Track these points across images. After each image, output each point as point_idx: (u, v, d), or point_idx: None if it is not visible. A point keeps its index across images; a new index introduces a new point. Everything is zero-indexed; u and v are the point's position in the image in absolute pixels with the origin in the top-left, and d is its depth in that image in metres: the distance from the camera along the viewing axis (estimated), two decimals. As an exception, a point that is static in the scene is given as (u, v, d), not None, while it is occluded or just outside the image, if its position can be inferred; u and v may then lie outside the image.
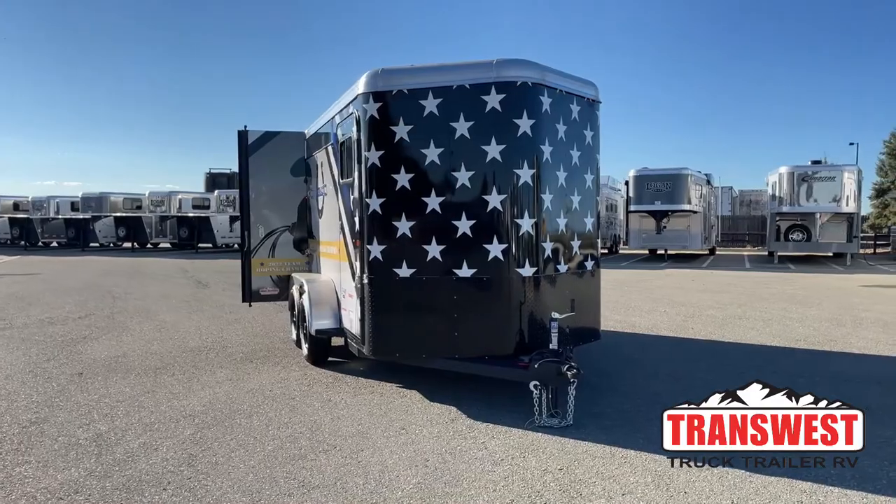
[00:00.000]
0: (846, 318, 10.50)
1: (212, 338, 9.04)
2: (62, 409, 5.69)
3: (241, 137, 8.81)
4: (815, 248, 24.23)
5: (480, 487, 3.94)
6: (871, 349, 8.07)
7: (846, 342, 8.53)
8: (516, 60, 5.55)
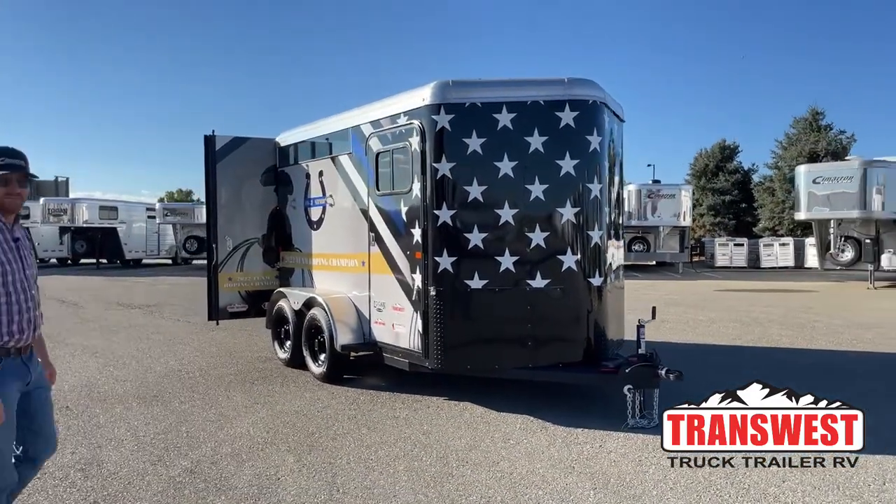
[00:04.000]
0: (746, 319, 11.95)
1: (176, 363, 8.25)
2: (112, 447, 4.99)
3: (208, 143, 8.21)
4: (653, 257, 26.93)
5: (667, 489, 4.14)
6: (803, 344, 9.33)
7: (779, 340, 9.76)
8: (585, 80, 5.84)
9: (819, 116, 37.48)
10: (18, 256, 2.85)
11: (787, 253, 29.10)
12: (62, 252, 30.86)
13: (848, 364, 8.06)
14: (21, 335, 2.83)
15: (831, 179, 17.82)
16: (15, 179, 2.82)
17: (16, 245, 2.86)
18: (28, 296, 2.86)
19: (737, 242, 30.62)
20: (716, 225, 39.86)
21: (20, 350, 2.87)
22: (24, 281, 2.85)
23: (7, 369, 2.81)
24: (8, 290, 2.77)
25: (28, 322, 2.86)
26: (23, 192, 2.87)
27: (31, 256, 2.95)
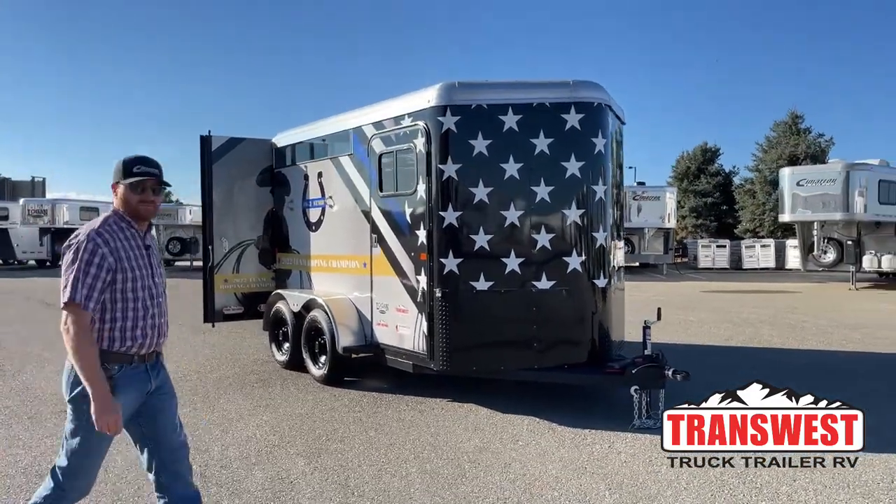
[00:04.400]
0: (736, 320, 12.09)
1: (172, 366, 8.14)
2: (116, 450, 4.90)
3: (204, 143, 8.13)
4: (637, 258, 27.13)
5: (681, 489, 4.17)
6: (787, 345, 9.45)
7: (771, 340, 9.88)
8: (590, 83, 5.87)
9: (798, 120, 38.05)
10: (148, 263, 2.85)
11: (768, 254, 29.44)
12: (42, 254, 30.38)
13: (842, 364, 8.18)
14: (145, 341, 2.80)
15: (815, 182, 18.08)
16: (149, 187, 2.82)
17: (146, 252, 2.86)
18: (155, 303, 2.85)
19: (719, 244, 30.94)
20: (698, 227, 40.28)
21: (144, 357, 2.83)
22: (153, 288, 2.84)
23: (125, 378, 2.76)
24: (136, 295, 2.77)
25: (153, 328, 2.83)
26: (156, 199, 2.86)
27: (160, 265, 2.96)
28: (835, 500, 3.99)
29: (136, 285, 2.76)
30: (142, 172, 2.78)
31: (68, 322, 2.64)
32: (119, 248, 2.73)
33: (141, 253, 2.82)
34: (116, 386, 2.71)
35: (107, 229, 2.76)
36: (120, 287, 2.73)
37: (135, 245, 2.81)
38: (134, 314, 2.76)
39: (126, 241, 2.78)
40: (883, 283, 21.52)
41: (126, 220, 2.83)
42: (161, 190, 2.91)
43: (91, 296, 2.65)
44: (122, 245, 2.75)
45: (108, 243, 2.71)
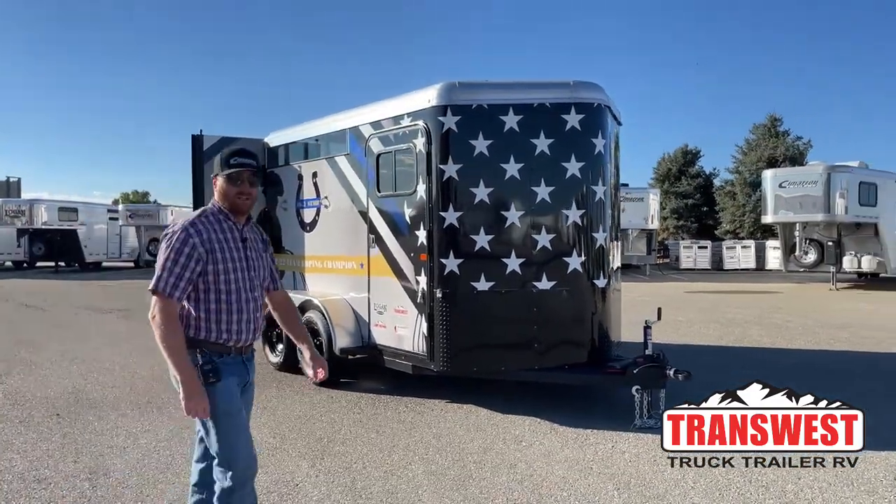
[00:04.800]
0: (723, 320, 12.20)
1: (163, 369, 8.04)
2: (115, 455, 4.83)
3: (195, 142, 8.05)
4: (622, 259, 27.28)
5: (689, 488, 4.18)
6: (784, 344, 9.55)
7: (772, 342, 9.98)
8: (590, 83, 5.88)
9: (777, 123, 38.54)
10: (244, 257, 2.82)
11: (748, 255, 29.77)
12: (19, 255, 29.85)
13: (833, 363, 8.28)
14: (240, 335, 2.80)
15: (797, 184, 18.31)
16: (246, 178, 2.79)
17: (243, 245, 2.83)
18: (250, 297, 2.83)
19: (701, 245, 31.21)
20: (679, 228, 40.64)
21: (241, 349, 2.83)
22: (248, 281, 2.82)
23: (226, 364, 2.77)
24: (229, 287, 2.74)
25: (248, 323, 2.82)
26: (253, 191, 2.83)
27: (260, 258, 2.93)
28: (840, 497, 4.03)
29: (228, 277, 2.74)
30: (238, 164, 2.77)
31: (155, 310, 2.65)
32: (213, 240, 2.72)
33: (237, 245, 2.80)
34: (222, 371, 2.74)
35: (202, 221, 2.76)
36: (212, 279, 2.72)
37: (231, 237, 2.79)
38: (228, 307, 2.75)
39: (222, 234, 2.77)
40: (862, 284, 21.85)
41: (224, 212, 2.82)
42: (257, 181, 2.87)
43: (178, 285, 2.65)
44: (216, 237, 2.74)
45: (201, 234, 2.71)
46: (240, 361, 2.85)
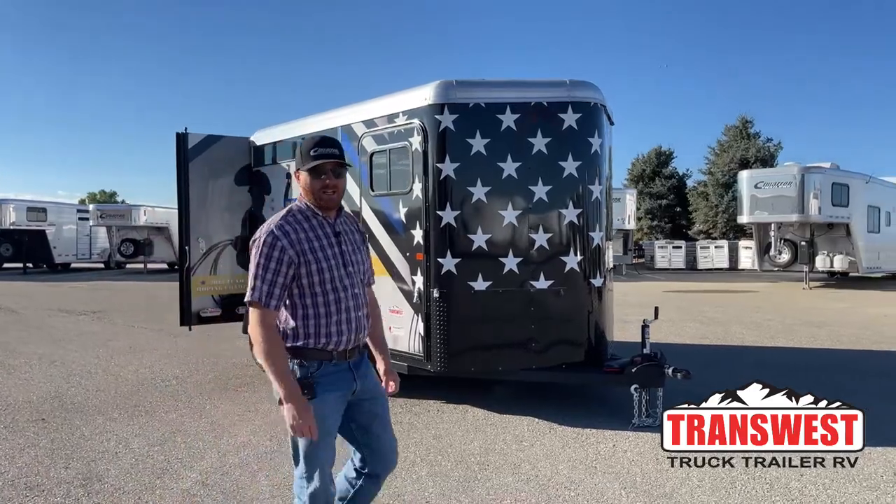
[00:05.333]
0: (704, 319, 12.33)
1: (147, 371, 7.88)
2: (107, 460, 4.69)
3: (179, 141, 7.88)
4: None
5: (695, 487, 4.19)
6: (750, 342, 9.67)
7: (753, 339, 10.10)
8: (586, 83, 5.88)
9: (748, 125, 39.13)
10: (339, 252, 2.62)
11: (722, 255, 30.22)
12: (-13, 256, 29.13)
13: (817, 360, 8.40)
14: (341, 337, 2.60)
15: (772, 184, 18.59)
16: (329, 170, 2.59)
17: (337, 240, 2.64)
18: (349, 294, 2.62)
19: (675, 245, 31.60)
20: (653, 228, 41.05)
21: (345, 354, 2.63)
22: (345, 279, 2.62)
23: (326, 377, 2.58)
24: (325, 288, 2.56)
25: (349, 323, 2.61)
26: (339, 183, 2.63)
27: (358, 252, 2.72)
28: (844, 493, 4.07)
29: (324, 277, 2.56)
30: (319, 155, 2.57)
31: (252, 321, 2.52)
32: (302, 240, 2.55)
33: (329, 242, 2.61)
34: (318, 385, 2.55)
35: (289, 220, 2.60)
36: (306, 281, 2.55)
37: (322, 234, 2.61)
38: (326, 308, 2.57)
39: (311, 231, 2.59)
40: (833, 283, 22.30)
41: (311, 208, 2.64)
42: (343, 172, 2.66)
43: (272, 293, 2.51)
44: (305, 236, 2.57)
45: (289, 235, 2.55)
46: (344, 368, 2.64)
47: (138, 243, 29.51)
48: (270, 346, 2.50)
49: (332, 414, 2.60)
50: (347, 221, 2.76)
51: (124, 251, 29.73)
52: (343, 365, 2.63)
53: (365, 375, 2.71)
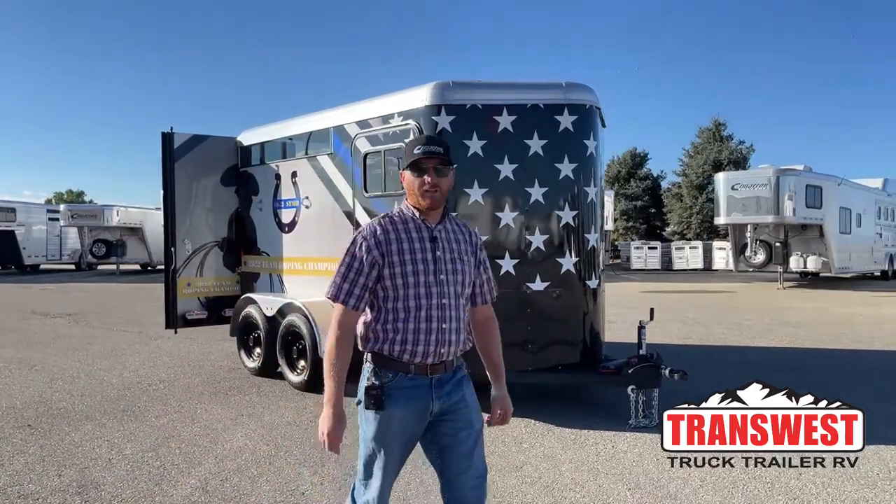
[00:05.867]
0: (685, 319, 12.47)
1: (132, 375, 7.74)
2: (101, 467, 4.59)
3: (165, 140, 7.78)
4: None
5: (698, 487, 4.22)
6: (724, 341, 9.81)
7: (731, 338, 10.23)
8: (582, 85, 5.91)
9: (721, 127, 39.66)
10: (431, 259, 2.43)
11: (696, 256, 30.63)
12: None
13: (802, 360, 8.54)
14: (417, 347, 2.41)
15: (748, 186, 18.88)
16: (431, 167, 2.42)
17: (431, 245, 2.45)
18: (434, 303, 2.41)
19: (651, 246, 31.97)
20: (628, 229, 41.42)
21: (425, 369, 2.44)
22: (432, 286, 2.42)
23: (398, 390, 2.43)
24: (406, 293, 2.40)
25: (429, 333, 2.41)
26: (442, 182, 2.44)
27: (458, 262, 2.48)
28: (843, 491, 4.14)
29: (407, 281, 2.39)
30: (423, 152, 2.42)
31: (332, 316, 2.44)
32: (391, 241, 2.42)
33: (423, 246, 2.43)
34: (388, 397, 2.42)
35: (384, 221, 2.49)
36: (389, 283, 2.41)
37: (416, 237, 2.44)
38: (405, 314, 2.41)
39: (405, 233, 2.44)
40: (805, 283, 22.70)
41: (411, 209, 2.50)
42: (447, 171, 2.46)
43: (352, 292, 2.41)
44: (395, 237, 2.43)
45: (376, 234, 2.43)
46: (423, 385, 2.43)
47: (111, 244, 29.02)
48: (333, 343, 2.44)
49: (398, 432, 2.46)
50: (455, 229, 2.56)
51: (96, 252, 29.23)
52: (422, 380, 2.44)
53: (449, 396, 2.49)
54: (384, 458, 2.49)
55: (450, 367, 2.51)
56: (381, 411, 2.43)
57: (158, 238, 28.46)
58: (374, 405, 2.43)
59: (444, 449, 2.53)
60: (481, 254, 2.62)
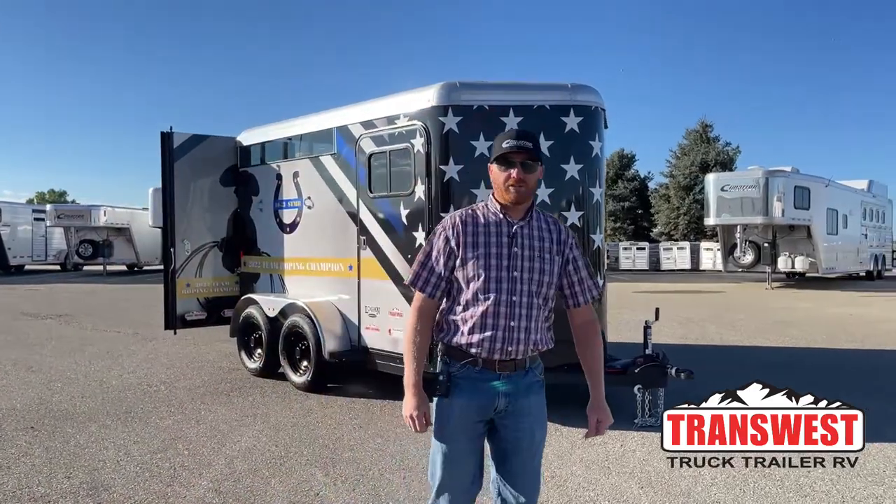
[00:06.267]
0: (680, 318, 12.56)
1: (131, 377, 7.68)
2: (111, 469, 4.55)
3: (164, 140, 7.72)
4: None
5: (710, 485, 4.26)
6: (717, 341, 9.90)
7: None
8: (587, 86, 5.94)
9: (708, 129, 39.99)
10: (507, 254, 2.39)
11: (684, 256, 30.85)
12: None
13: (799, 360, 8.65)
14: (484, 343, 2.37)
15: (737, 187, 19.05)
16: (518, 163, 2.38)
17: (509, 241, 2.41)
18: (504, 300, 2.36)
19: (639, 246, 32.17)
20: (616, 230, 41.63)
21: (493, 364, 2.40)
22: (504, 282, 2.37)
23: (466, 380, 2.41)
24: (477, 286, 2.37)
25: (494, 329, 2.36)
26: (528, 178, 2.40)
27: (538, 260, 2.42)
28: (852, 487, 4.20)
29: (478, 274, 2.36)
30: (510, 147, 2.39)
31: (412, 302, 2.49)
32: (468, 233, 2.41)
33: (499, 241, 2.40)
34: (455, 385, 2.41)
35: (466, 213, 2.50)
36: (461, 274, 2.40)
37: (494, 231, 2.42)
38: (475, 308, 2.38)
39: (484, 227, 2.43)
40: (792, 283, 22.95)
41: (494, 204, 2.49)
42: (535, 167, 2.42)
43: (429, 280, 2.45)
44: (472, 230, 2.42)
45: (456, 226, 2.44)
46: (490, 379, 2.40)
47: (97, 244, 28.71)
48: (410, 329, 2.47)
49: (460, 421, 2.43)
50: (542, 226, 2.49)
51: (83, 252, 28.92)
52: (489, 374, 2.40)
53: (515, 399, 2.43)
54: (445, 445, 2.46)
55: (520, 367, 2.44)
56: (444, 398, 2.43)
57: (146, 238, 28.44)
58: (440, 393, 2.43)
59: (507, 453, 2.48)
60: (571, 252, 2.52)
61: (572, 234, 2.57)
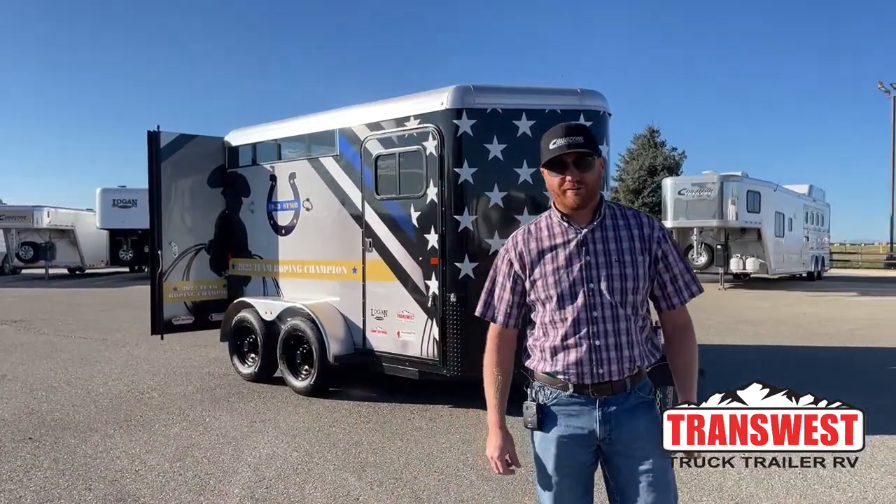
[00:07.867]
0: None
1: (119, 384, 7.42)
2: (131, 479, 4.40)
3: (151, 139, 7.51)
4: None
5: (739, 479, 4.40)
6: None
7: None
8: (595, 92, 6.06)
9: (655, 134, 41.07)
10: (578, 266, 2.12)
11: (635, 258, 31.55)
12: None
13: (769, 357, 8.98)
14: (570, 366, 2.12)
15: (694, 191, 19.64)
16: (570, 162, 2.07)
17: (579, 250, 2.13)
18: (583, 317, 2.10)
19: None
20: (566, 232, 42.33)
21: (587, 389, 2.13)
22: (579, 297, 2.11)
23: (559, 406, 2.17)
24: (550, 306, 2.14)
25: (578, 349, 2.11)
26: (586, 176, 2.08)
27: (616, 266, 2.12)
28: (870, 478, 4.41)
29: (549, 294, 2.13)
30: (558, 147, 2.07)
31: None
32: (532, 251, 2.18)
33: (567, 253, 2.14)
34: (547, 416, 2.19)
35: (530, 229, 2.25)
36: (533, 297, 2.18)
37: (561, 243, 2.15)
38: (554, 331, 2.14)
39: (549, 240, 2.17)
40: (741, 284, 23.74)
41: (557, 212, 2.21)
42: (591, 162, 2.09)
43: (499, 308, 2.25)
44: (536, 246, 2.18)
45: (518, 245, 2.23)
46: (586, 405, 2.14)
47: (39, 246, 27.53)
48: (488, 365, 2.27)
49: (558, 455, 2.19)
50: (618, 225, 2.17)
51: (23, 255, 27.67)
52: (584, 400, 2.14)
53: (619, 423, 2.18)
54: (546, 482, 2.25)
55: (619, 389, 2.17)
56: (538, 431, 2.23)
57: (91, 240, 27.46)
58: (529, 426, 2.25)
59: (622, 489, 2.24)
60: (659, 248, 2.19)
61: (662, 226, 2.26)
